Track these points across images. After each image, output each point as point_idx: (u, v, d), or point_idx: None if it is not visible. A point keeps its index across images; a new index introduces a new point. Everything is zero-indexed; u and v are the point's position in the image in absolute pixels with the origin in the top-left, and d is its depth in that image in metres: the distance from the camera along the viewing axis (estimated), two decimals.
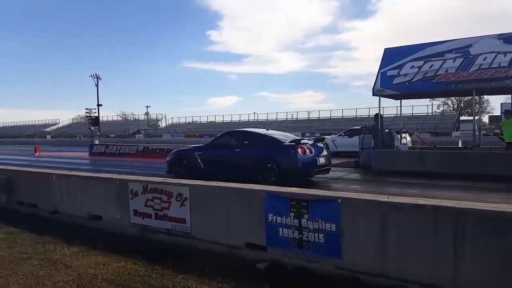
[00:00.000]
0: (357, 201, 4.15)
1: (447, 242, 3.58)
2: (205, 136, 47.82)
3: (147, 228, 5.92)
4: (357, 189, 9.32)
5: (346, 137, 18.97)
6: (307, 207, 4.33)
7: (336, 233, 4.15)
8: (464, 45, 11.51)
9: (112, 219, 6.42)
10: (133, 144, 25.01)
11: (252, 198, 4.85)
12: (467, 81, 10.95)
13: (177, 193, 5.51)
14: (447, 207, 3.65)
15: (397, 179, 10.70)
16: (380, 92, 12.42)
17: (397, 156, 12.61)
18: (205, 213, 5.29)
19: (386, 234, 3.90)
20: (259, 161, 9.67)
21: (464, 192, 8.59)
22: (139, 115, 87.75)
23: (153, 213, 5.80)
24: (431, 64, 11.69)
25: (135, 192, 6.01)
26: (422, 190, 8.89)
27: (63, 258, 5.05)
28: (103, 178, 6.91)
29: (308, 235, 4.33)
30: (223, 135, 11.67)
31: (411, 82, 11.80)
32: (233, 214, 5.03)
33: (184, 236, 5.48)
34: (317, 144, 10.17)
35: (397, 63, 12.31)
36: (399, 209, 3.83)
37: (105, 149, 23.60)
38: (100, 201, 6.64)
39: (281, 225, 4.52)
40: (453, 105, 69.36)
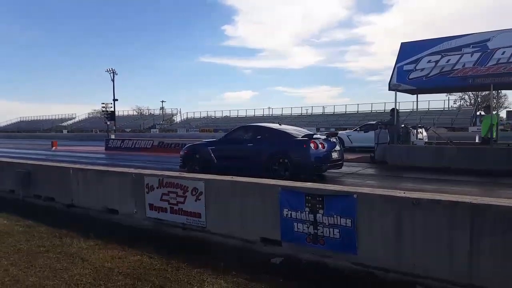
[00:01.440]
0: (373, 196, 4.12)
1: (463, 238, 3.54)
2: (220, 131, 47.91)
3: (162, 222, 5.98)
4: (373, 184, 9.25)
5: (361, 132, 18.81)
6: (322, 202, 4.32)
7: (351, 229, 4.14)
8: (482, 39, 11.28)
9: (128, 213, 6.49)
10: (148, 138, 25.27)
11: (267, 193, 4.85)
12: (485, 76, 10.75)
13: (192, 187, 5.54)
14: (464, 202, 3.61)
15: (413, 174, 10.58)
16: (396, 87, 12.27)
17: (413, 151, 12.47)
18: (220, 207, 5.32)
19: (402, 229, 3.87)
20: (272, 156, 9.66)
21: (481, 187, 8.46)
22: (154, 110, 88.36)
23: (168, 207, 5.85)
24: (448, 58, 11.50)
25: (151, 186, 6.07)
26: (439, 185, 8.78)
27: (79, 252, 5.14)
28: (119, 172, 6.99)
29: (323, 230, 4.32)
30: (236, 130, 11.69)
31: (428, 77, 11.63)
32: (248, 209, 5.05)
33: (199, 230, 5.52)
34: (330, 139, 10.11)
35: (413, 58, 12.15)
36: (415, 205, 3.79)
37: (121, 144, 23.87)
38: (116, 195, 6.73)
39: (296, 220, 4.52)
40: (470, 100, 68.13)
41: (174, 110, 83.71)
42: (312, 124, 55.71)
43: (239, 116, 72.89)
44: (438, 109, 54.51)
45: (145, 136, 46.09)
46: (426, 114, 48.44)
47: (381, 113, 53.19)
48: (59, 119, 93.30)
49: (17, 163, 9.53)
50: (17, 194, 8.75)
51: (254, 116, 69.24)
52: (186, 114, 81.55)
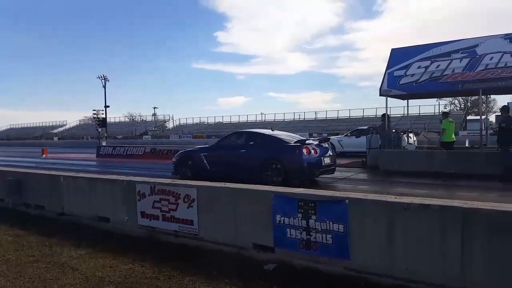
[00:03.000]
0: (364, 201, 4.13)
1: (454, 242, 3.56)
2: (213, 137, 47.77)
3: (154, 230, 5.93)
4: (365, 189, 9.28)
5: (352, 137, 18.91)
6: (315, 208, 4.31)
7: (344, 234, 4.14)
8: (471, 45, 11.45)
9: (119, 221, 6.43)
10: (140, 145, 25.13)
11: (260, 199, 4.84)
12: (474, 81, 10.88)
13: (184, 194, 5.51)
14: (454, 207, 3.63)
15: (404, 179, 10.64)
16: (387, 92, 12.38)
17: (404, 156, 12.55)
18: (212, 214, 5.29)
19: (394, 234, 3.88)
20: (264, 162, 9.67)
21: (472, 191, 8.53)
22: (146, 116, 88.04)
23: (160, 214, 5.81)
24: (437, 64, 11.63)
25: (143, 193, 6.02)
26: (430, 190, 8.84)
27: (70, 261, 5.06)
28: (110, 180, 6.92)
29: (316, 236, 4.32)
30: (228, 136, 11.69)
31: (418, 82, 11.75)
32: (241, 215, 5.03)
33: (191, 237, 5.48)
34: (322, 145, 10.15)
35: (404, 63, 12.27)
36: (406, 209, 3.81)
37: (113, 151, 23.69)
38: (107, 202, 6.66)
39: (289, 226, 4.51)
40: (459, 104, 68.91)
41: (166, 116, 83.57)
42: (305, 129, 55.87)
43: (232, 122, 72.90)
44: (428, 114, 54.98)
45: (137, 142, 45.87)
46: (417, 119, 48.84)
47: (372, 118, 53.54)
48: (50, 126, 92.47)
49: (7, 171, 9.41)
50: (6, 203, 8.62)
51: (247, 122, 69.26)
52: (179, 120, 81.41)
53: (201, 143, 26.22)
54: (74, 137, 72.82)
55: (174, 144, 31.03)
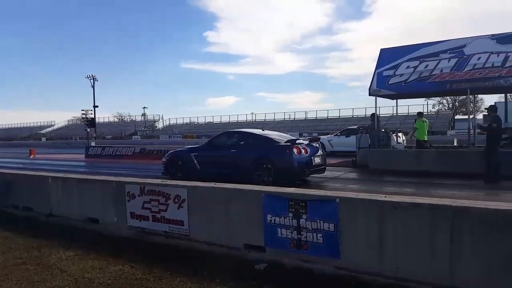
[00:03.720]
0: (355, 200, 4.15)
1: (444, 240, 3.59)
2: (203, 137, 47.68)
3: (144, 231, 5.88)
4: (355, 188, 9.34)
5: (342, 137, 19.02)
6: (305, 207, 4.32)
7: (334, 233, 4.15)
8: (459, 45, 11.59)
9: (109, 222, 6.37)
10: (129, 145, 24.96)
11: (251, 198, 4.84)
12: (462, 81, 11.02)
13: (174, 195, 5.48)
14: (444, 205, 3.66)
15: (394, 178, 10.73)
16: (376, 92, 12.47)
17: (393, 155, 12.66)
18: (203, 214, 5.27)
19: (384, 233, 3.90)
20: (255, 161, 9.68)
21: (461, 190, 8.63)
22: (135, 116, 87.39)
23: (150, 215, 5.77)
24: (426, 64, 11.75)
25: (132, 194, 5.97)
26: (419, 189, 8.93)
27: (59, 263, 5.00)
28: (99, 180, 6.86)
29: (307, 235, 4.32)
30: (219, 136, 11.68)
31: (407, 82, 11.86)
32: (232, 215, 5.01)
33: (182, 238, 5.45)
34: (312, 144, 10.20)
35: (393, 63, 12.38)
36: (396, 208, 3.83)
37: (102, 151, 23.51)
38: (96, 203, 6.60)
39: (279, 225, 4.51)
40: (448, 104, 69.73)
41: (156, 116, 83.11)
42: (295, 129, 56.03)
43: (222, 122, 72.81)
44: None
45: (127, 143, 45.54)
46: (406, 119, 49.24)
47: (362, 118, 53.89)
48: (38, 127, 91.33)
49: None
50: None
51: (237, 122, 69.26)
52: (169, 120, 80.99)
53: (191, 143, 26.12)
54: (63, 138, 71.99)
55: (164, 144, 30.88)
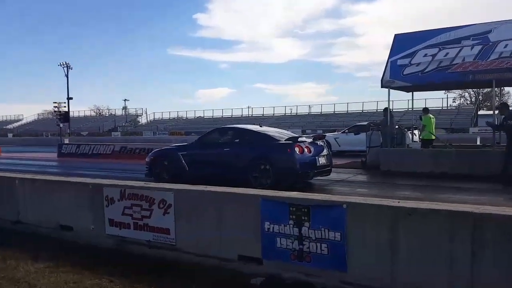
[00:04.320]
0: (364, 206, 4.17)
1: (464, 251, 3.61)
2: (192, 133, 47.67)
3: (125, 240, 5.88)
4: (364, 192, 9.37)
5: (351, 134, 19.03)
6: (308, 214, 4.33)
7: (340, 243, 4.17)
8: (483, 31, 11.60)
9: (84, 230, 6.37)
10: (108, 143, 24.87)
11: (247, 204, 4.85)
12: (486, 71, 11.04)
13: (159, 199, 5.48)
14: (464, 212, 3.69)
15: (408, 181, 10.76)
16: (390, 84, 12.48)
17: (408, 155, 12.69)
18: (192, 222, 5.27)
19: (397, 243, 3.92)
20: (252, 162, 9.68)
21: (483, 195, 8.67)
22: (115, 110, 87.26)
23: (132, 222, 5.76)
24: (446, 52, 11.77)
25: (111, 198, 5.97)
26: (436, 193, 8.95)
27: (27, 276, 4.98)
28: (74, 183, 6.86)
29: (310, 245, 4.34)
30: (210, 133, 11.67)
31: (424, 72, 11.87)
32: (225, 223, 5.02)
33: (168, 248, 5.45)
34: (316, 143, 10.19)
35: (408, 51, 12.39)
36: (410, 215, 3.85)
37: (76, 149, 23.46)
38: (70, 209, 6.58)
39: (279, 234, 4.52)
40: (470, 98, 69.94)
41: (138, 110, 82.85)
42: (297, 125, 56.07)
43: (214, 117, 72.70)
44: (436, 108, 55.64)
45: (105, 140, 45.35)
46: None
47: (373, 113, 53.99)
48: (3, 121, 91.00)
49: None
50: None
51: (231, 117, 69.17)
52: (153, 115, 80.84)
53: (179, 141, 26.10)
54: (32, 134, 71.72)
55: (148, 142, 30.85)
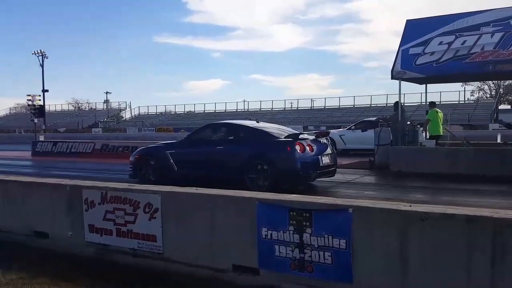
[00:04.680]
0: (372, 210, 4.18)
1: (483, 260, 3.62)
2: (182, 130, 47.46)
3: (106, 248, 5.88)
4: (372, 195, 9.37)
5: (357, 131, 19.04)
6: (310, 219, 4.34)
7: (346, 251, 4.17)
8: (505, 17, 11.61)
9: (61, 237, 6.36)
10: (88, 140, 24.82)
11: (242, 208, 4.85)
12: (508, 61, 11.06)
13: (145, 202, 5.48)
14: (483, 217, 3.69)
15: (421, 183, 10.79)
16: (401, 75, 12.49)
17: (421, 154, 12.70)
18: (181, 228, 5.28)
19: (408, 251, 3.93)
20: (247, 161, 9.67)
21: (504, 198, 8.70)
22: (96, 103, 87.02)
23: (114, 228, 5.76)
24: (463, 39, 11.78)
25: (91, 201, 5.97)
26: (453, 196, 8.98)
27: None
28: (50, 184, 6.85)
29: (311, 254, 4.34)
30: (202, 129, 11.66)
31: (439, 62, 11.89)
32: (218, 229, 5.03)
33: (154, 257, 5.45)
34: (319, 140, 10.18)
35: (422, 39, 12.39)
36: (424, 220, 3.86)
37: (53, 147, 23.38)
38: (46, 214, 6.58)
39: (277, 241, 4.52)
40: (490, 91, 70.14)
41: (122, 104, 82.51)
42: (298, 121, 56.11)
43: (206, 112, 72.57)
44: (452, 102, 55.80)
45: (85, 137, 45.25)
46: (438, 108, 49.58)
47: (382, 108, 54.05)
48: None
49: None
50: None
51: (225, 112, 69.12)
52: (138, 109, 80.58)
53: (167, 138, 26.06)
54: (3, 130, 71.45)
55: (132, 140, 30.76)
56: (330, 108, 64.35)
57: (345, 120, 47.81)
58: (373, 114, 38.73)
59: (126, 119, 78.53)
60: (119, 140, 26.54)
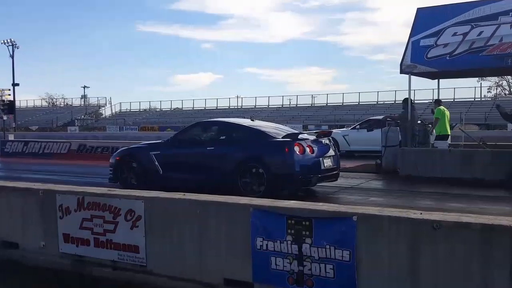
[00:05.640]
0: (379, 218, 4.19)
1: (502, 273, 3.63)
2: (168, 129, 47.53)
3: (83, 260, 5.87)
4: (379, 202, 9.38)
5: (363, 131, 19.08)
6: (310, 228, 4.34)
7: (350, 263, 4.18)
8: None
9: (33, 247, 6.34)
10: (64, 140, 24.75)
11: (234, 215, 4.85)
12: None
13: (127, 209, 5.47)
14: (501, 226, 3.72)
15: (433, 188, 10.80)
16: (411, 69, 12.52)
17: (433, 156, 12.72)
18: (167, 237, 5.28)
19: (418, 263, 3.95)
20: (241, 164, 9.65)
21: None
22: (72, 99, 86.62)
23: (92, 238, 5.75)
24: (480, 30, 11.81)
25: (66, 208, 5.95)
26: (467, 203, 9.00)
27: None
28: (20, 189, 6.83)
29: (311, 266, 4.34)
30: (191, 128, 11.62)
31: (453, 55, 11.92)
32: (207, 239, 5.03)
33: (136, 270, 5.45)
34: (321, 141, 10.18)
35: (434, 29, 12.42)
36: (436, 229, 3.87)
37: (24, 148, 23.31)
38: (15, 221, 6.56)
39: (274, 253, 4.53)
40: (509, 87, 70.45)
41: (101, 99, 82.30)
42: (297, 119, 56.17)
43: (195, 109, 72.65)
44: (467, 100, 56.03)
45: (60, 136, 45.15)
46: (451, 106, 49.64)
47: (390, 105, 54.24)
48: None
49: None
50: None
51: (217, 109, 69.18)
52: (119, 106, 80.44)
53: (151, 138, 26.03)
54: None
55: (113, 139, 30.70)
56: (332, 105, 64.48)
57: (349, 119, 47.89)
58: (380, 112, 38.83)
59: (106, 117, 78.44)
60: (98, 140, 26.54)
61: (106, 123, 70.55)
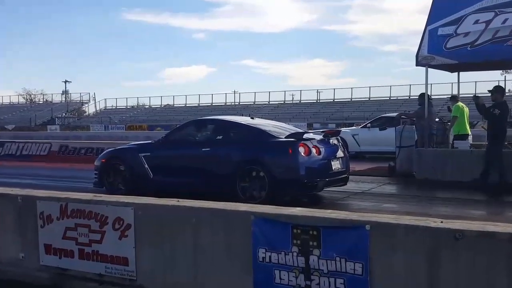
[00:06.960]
0: (394, 227, 4.19)
1: None
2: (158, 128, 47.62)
3: (66, 273, 5.88)
4: (394, 209, 9.39)
5: (374, 130, 19.08)
6: (318, 238, 4.34)
7: (362, 278, 4.18)
8: None
9: (10, 259, 6.35)
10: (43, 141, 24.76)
11: (234, 223, 4.86)
12: None
13: (114, 217, 5.48)
14: None
15: (452, 193, 10.80)
16: (428, 61, 12.50)
17: (452, 158, 12.71)
18: (159, 248, 5.28)
19: (438, 276, 3.95)
20: (240, 167, 9.65)
21: None
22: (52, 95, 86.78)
23: (76, 249, 5.76)
24: (505, 17, 11.79)
25: (48, 216, 5.95)
26: (491, 210, 9.01)
27: None
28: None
29: (320, 281, 4.35)
30: (184, 127, 11.64)
31: (475, 45, 11.90)
32: (203, 250, 5.04)
33: (125, 284, 5.46)
34: (328, 141, 10.18)
35: (453, 16, 12.40)
36: (458, 239, 3.87)
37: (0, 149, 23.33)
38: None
39: (278, 265, 4.53)
40: None
41: (84, 95, 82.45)
42: (301, 117, 56.21)
43: (188, 105, 72.66)
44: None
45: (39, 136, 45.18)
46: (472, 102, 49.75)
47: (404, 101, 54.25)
48: None
49: None
50: None
51: (211, 105, 69.24)
52: (105, 102, 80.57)
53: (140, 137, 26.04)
54: None
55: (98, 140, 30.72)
56: (340, 101, 64.51)
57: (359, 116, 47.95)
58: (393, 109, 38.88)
59: (90, 114, 78.54)
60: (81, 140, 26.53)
61: (90, 121, 70.68)
